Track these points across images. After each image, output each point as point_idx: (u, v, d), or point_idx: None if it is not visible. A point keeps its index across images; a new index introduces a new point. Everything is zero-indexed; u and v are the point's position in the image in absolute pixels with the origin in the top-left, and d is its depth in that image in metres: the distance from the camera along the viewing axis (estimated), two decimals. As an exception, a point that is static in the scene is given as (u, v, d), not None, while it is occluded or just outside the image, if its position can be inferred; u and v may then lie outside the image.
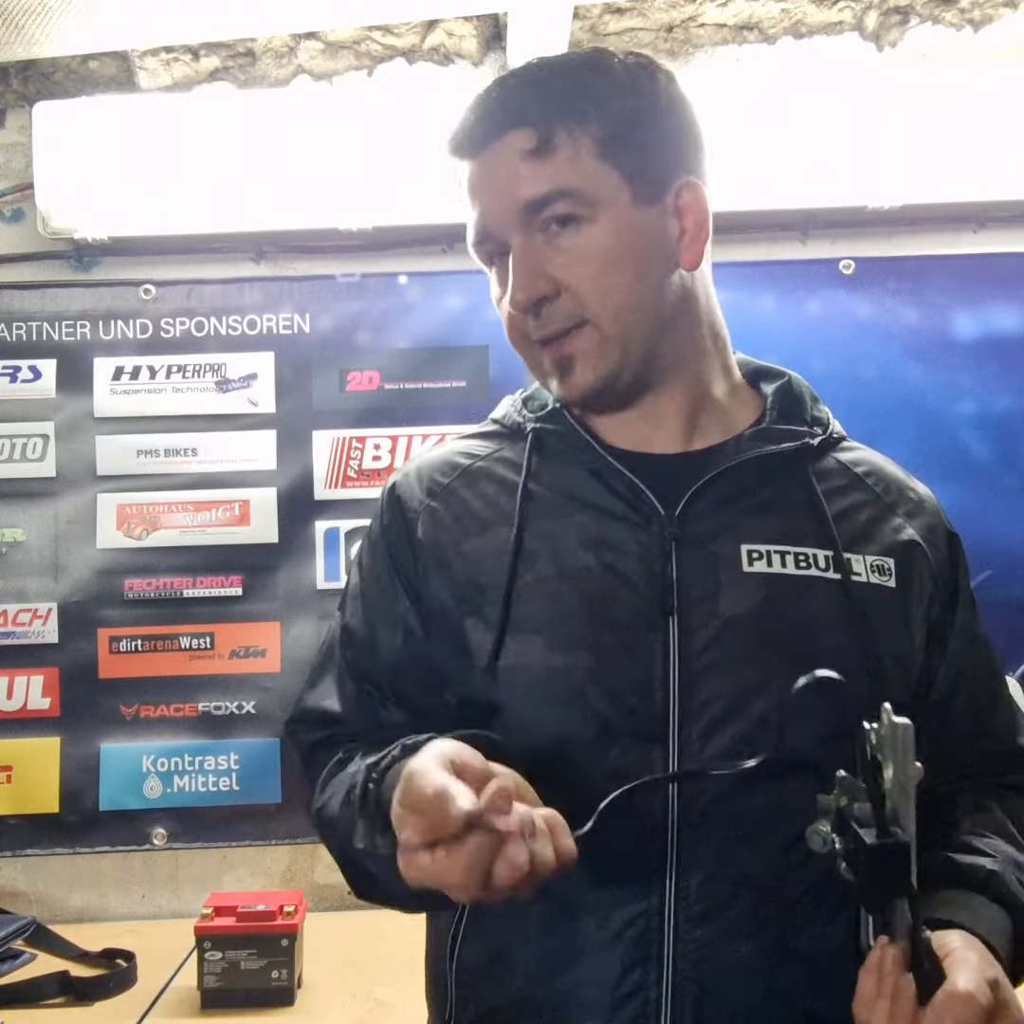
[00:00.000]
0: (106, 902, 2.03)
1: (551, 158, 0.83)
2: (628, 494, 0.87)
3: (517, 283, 0.84)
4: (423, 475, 0.95)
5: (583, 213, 0.83)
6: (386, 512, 0.96)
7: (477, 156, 0.86)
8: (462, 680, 0.87)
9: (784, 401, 0.93)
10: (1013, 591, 1.97)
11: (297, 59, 2.06)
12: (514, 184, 0.84)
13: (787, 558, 0.85)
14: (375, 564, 0.95)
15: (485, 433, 0.98)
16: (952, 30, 2.06)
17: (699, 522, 0.86)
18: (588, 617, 0.84)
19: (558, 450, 0.91)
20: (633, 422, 0.91)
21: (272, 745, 1.99)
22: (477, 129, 0.86)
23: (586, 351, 0.85)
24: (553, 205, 0.83)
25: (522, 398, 0.98)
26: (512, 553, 0.86)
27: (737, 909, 0.81)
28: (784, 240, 2.07)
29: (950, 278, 2.03)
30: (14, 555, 2.01)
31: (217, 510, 2.01)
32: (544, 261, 0.84)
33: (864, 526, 0.89)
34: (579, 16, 1.99)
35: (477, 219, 0.87)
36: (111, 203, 1.99)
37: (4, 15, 1.71)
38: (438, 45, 2.06)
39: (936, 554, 0.91)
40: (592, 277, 0.83)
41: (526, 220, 0.84)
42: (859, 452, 0.95)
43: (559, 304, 0.84)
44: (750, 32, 2.06)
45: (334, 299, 2.05)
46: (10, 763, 1.98)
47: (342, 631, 0.96)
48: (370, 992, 1.62)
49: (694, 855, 0.81)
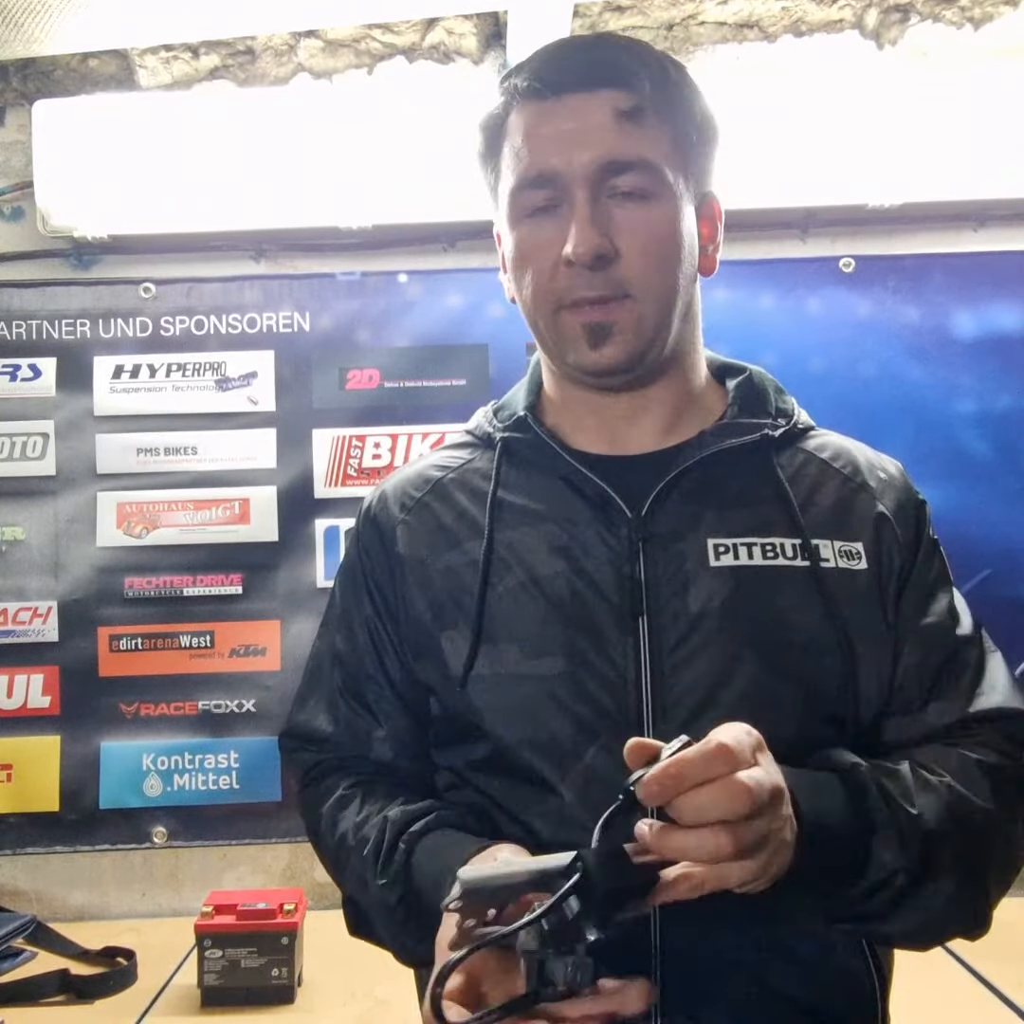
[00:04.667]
0: (106, 900, 2.03)
1: (640, 127, 0.83)
2: (596, 499, 0.88)
3: (582, 236, 0.82)
4: (397, 491, 0.96)
5: (653, 191, 0.84)
6: (362, 532, 0.97)
7: (561, 99, 0.83)
8: (442, 692, 0.88)
9: (746, 395, 0.94)
10: (1013, 590, 1.97)
11: (297, 57, 2.06)
12: (602, 139, 0.82)
13: (754, 549, 0.85)
14: (355, 587, 0.97)
15: (458, 444, 0.99)
16: (952, 28, 2.06)
17: (665, 521, 0.86)
18: (560, 623, 0.85)
19: (527, 458, 0.92)
20: (613, 419, 0.91)
21: (272, 743, 1.97)
22: (569, 73, 0.84)
23: (625, 324, 0.85)
24: (631, 174, 0.83)
25: (493, 408, 0.99)
26: (483, 563, 0.87)
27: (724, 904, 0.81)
28: (784, 238, 2.07)
29: (950, 276, 2.03)
30: (14, 554, 2.01)
31: (217, 508, 2.01)
32: (609, 223, 0.83)
33: (832, 511, 0.89)
34: (579, 14, 1.99)
35: (539, 163, 0.84)
36: (111, 201, 1.99)
37: (4, 13, 1.71)
38: (438, 43, 2.06)
39: (905, 531, 0.90)
40: (646, 253, 0.84)
41: (599, 178, 0.83)
42: (824, 438, 0.96)
43: (611, 270, 0.83)
44: (750, 30, 2.06)
45: (334, 297, 2.05)
46: (10, 761, 1.98)
47: (330, 652, 0.98)
48: (370, 990, 1.62)
49: None
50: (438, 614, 0.89)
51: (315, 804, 0.94)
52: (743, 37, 2.06)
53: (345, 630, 0.97)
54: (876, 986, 0.85)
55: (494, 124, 0.89)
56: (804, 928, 0.82)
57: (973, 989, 1.56)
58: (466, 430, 1.00)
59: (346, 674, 0.96)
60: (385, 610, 0.94)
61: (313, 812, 0.95)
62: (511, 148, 0.86)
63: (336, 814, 0.91)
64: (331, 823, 0.91)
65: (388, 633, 0.93)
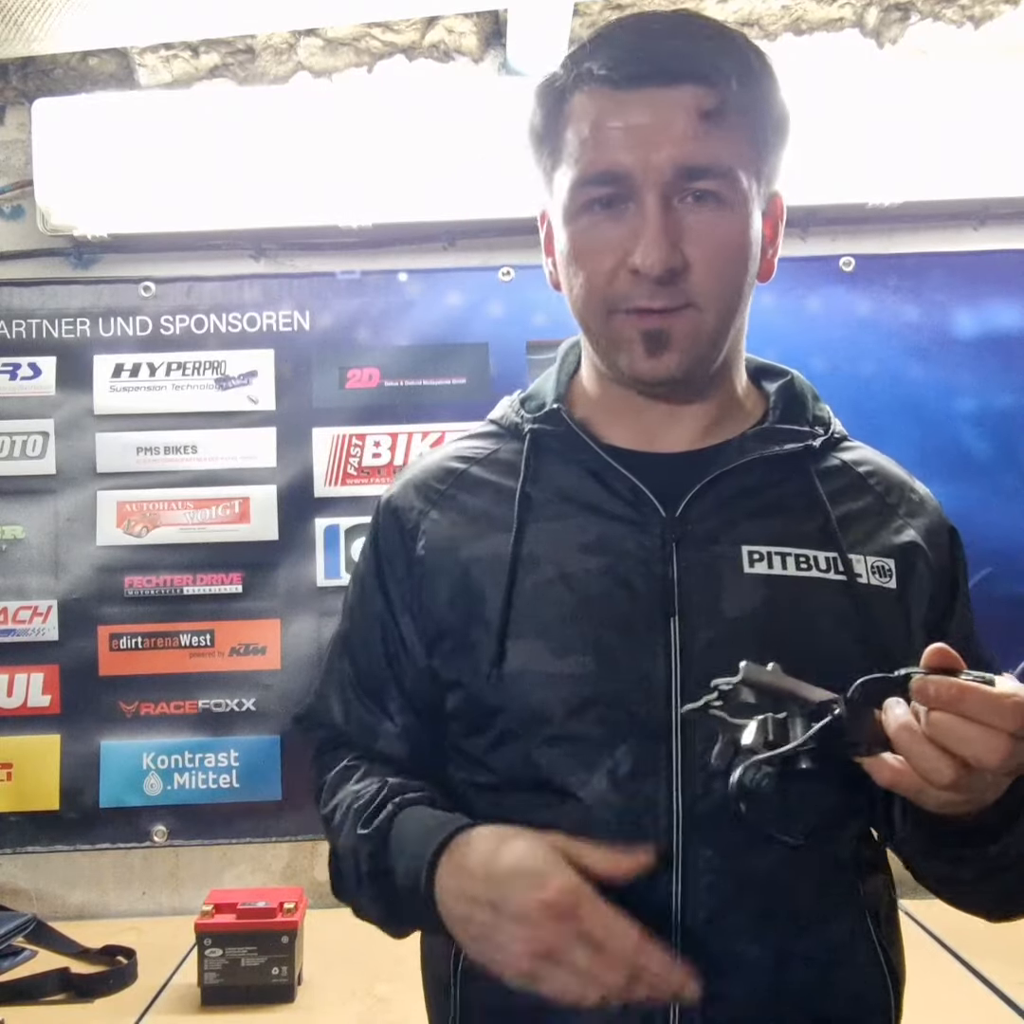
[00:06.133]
0: (106, 899, 2.03)
1: (721, 128, 0.78)
2: (628, 495, 0.86)
3: (657, 248, 0.77)
4: (419, 484, 0.94)
5: (726, 197, 0.80)
6: (381, 526, 0.95)
7: (639, 90, 0.78)
8: (466, 687, 0.87)
9: (787, 400, 0.92)
10: (1013, 589, 1.97)
11: (297, 56, 2.06)
12: (680, 140, 0.77)
13: (788, 560, 0.84)
14: (371, 579, 0.95)
15: (482, 434, 0.97)
16: (952, 27, 2.06)
17: (700, 524, 0.85)
18: (589, 620, 0.83)
19: (556, 451, 0.90)
20: (652, 418, 0.89)
21: (272, 742, 1.99)
22: (649, 64, 0.78)
23: (686, 333, 0.81)
24: (708, 178, 0.79)
25: (520, 398, 0.96)
26: (511, 558, 0.85)
27: (743, 911, 0.81)
28: (784, 237, 2.05)
29: (950, 275, 2.03)
30: (14, 552, 2.01)
31: (217, 507, 2.01)
32: (679, 232, 0.79)
33: (866, 527, 0.88)
34: (579, 12, 1.98)
35: (608, 159, 0.79)
36: (111, 200, 1.99)
37: (3, 12, 1.71)
38: (438, 42, 2.06)
39: (937, 555, 0.90)
40: (713, 263, 0.80)
41: (673, 180, 0.78)
42: (861, 451, 0.95)
43: (678, 280, 0.80)
44: (750, 29, 2.06)
45: (334, 296, 2.04)
46: (10, 760, 1.98)
47: (344, 645, 0.98)
48: (370, 989, 1.63)
49: (699, 857, 0.80)
50: (463, 609, 0.87)
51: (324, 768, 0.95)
52: (743, 36, 2.06)
53: (358, 623, 0.96)
54: (891, 993, 0.85)
55: (555, 99, 0.82)
56: (820, 933, 0.82)
57: (974, 989, 1.56)
58: (491, 419, 0.97)
59: (357, 668, 0.95)
60: (401, 604, 0.92)
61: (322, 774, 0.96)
62: (576, 135, 0.80)
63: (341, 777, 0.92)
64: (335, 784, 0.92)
65: (401, 628, 0.92)
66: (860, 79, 1.98)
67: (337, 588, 2.00)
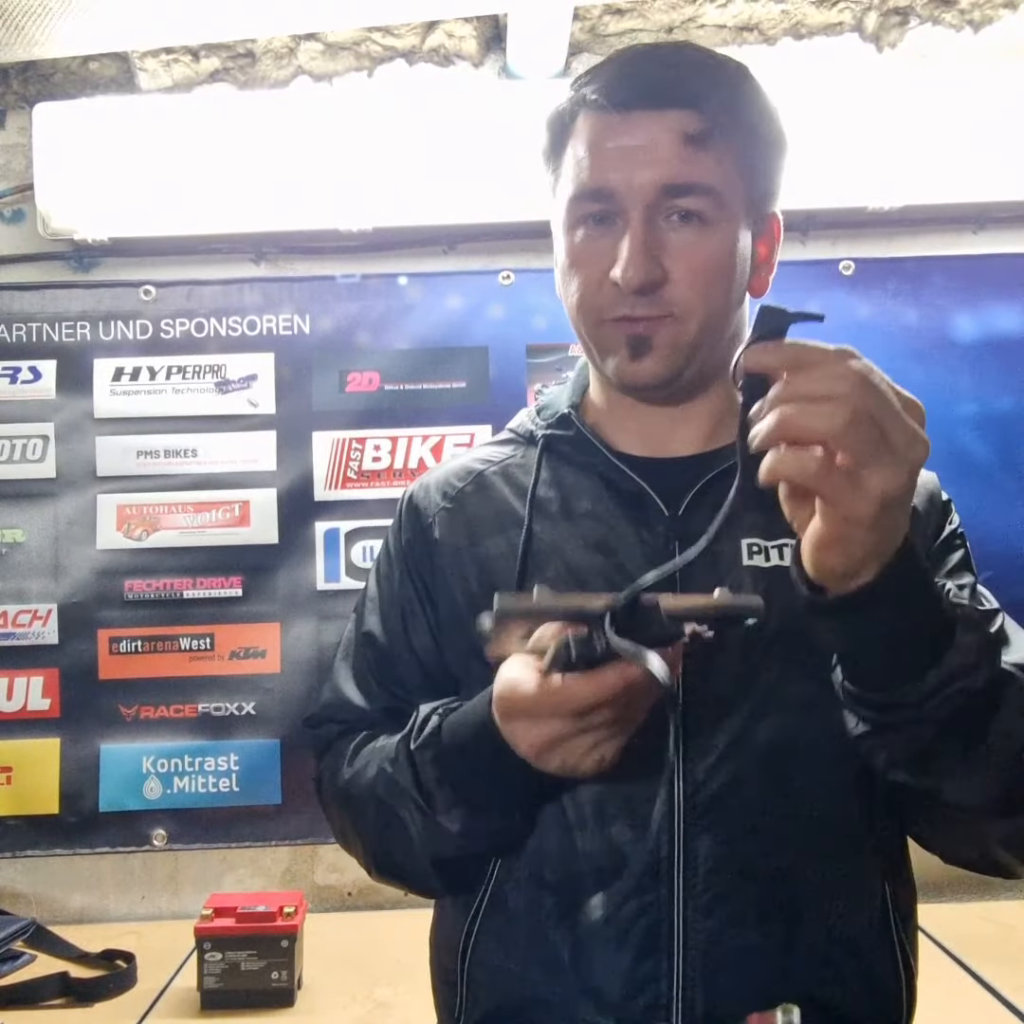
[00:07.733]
0: (106, 903, 2.03)
1: (705, 151, 0.83)
2: (633, 497, 0.90)
3: (635, 262, 0.83)
4: (440, 481, 1.00)
5: (710, 216, 0.84)
6: (403, 519, 1.00)
7: (628, 114, 0.83)
8: (475, 681, 0.88)
9: None
10: (1014, 592, 1.96)
11: (297, 60, 2.06)
12: (664, 161, 0.82)
13: (784, 551, 0.87)
14: (392, 571, 0.99)
15: (501, 441, 1.02)
16: (952, 31, 2.06)
17: (701, 521, 0.86)
18: None
19: (567, 455, 0.95)
20: (654, 426, 0.93)
21: (272, 746, 1.99)
22: (637, 90, 0.83)
23: (666, 341, 0.86)
24: (690, 197, 0.83)
25: (536, 408, 1.01)
26: (520, 555, 0.90)
27: (745, 898, 0.82)
28: (784, 240, 2.06)
29: (950, 279, 2.03)
30: (14, 556, 2.01)
31: (217, 511, 2.01)
32: (661, 247, 0.84)
33: None
34: (579, 17, 1.99)
35: (598, 177, 0.84)
36: (111, 204, 1.99)
37: (4, 16, 1.71)
38: (438, 46, 2.06)
39: (928, 525, 0.92)
40: (694, 279, 0.84)
41: (656, 200, 0.83)
42: None
43: (658, 292, 0.84)
44: (750, 33, 2.06)
45: (334, 300, 2.05)
46: (10, 764, 1.98)
47: (364, 638, 0.99)
48: (370, 993, 1.62)
49: (701, 846, 0.82)
50: (473, 603, 0.90)
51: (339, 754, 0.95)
52: (743, 40, 2.07)
53: (378, 612, 0.99)
54: (904, 986, 0.86)
55: (560, 124, 0.89)
56: (830, 927, 0.83)
57: (974, 992, 1.56)
58: (509, 428, 1.03)
59: (379, 654, 0.98)
60: (425, 593, 0.96)
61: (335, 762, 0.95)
62: (573, 155, 0.87)
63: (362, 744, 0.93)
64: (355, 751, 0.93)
65: (426, 614, 0.96)
66: (859, 83, 1.99)
67: (337, 592, 2.00)
